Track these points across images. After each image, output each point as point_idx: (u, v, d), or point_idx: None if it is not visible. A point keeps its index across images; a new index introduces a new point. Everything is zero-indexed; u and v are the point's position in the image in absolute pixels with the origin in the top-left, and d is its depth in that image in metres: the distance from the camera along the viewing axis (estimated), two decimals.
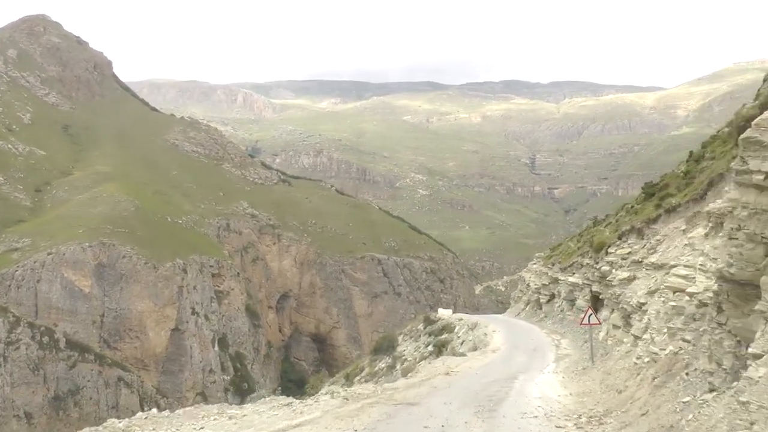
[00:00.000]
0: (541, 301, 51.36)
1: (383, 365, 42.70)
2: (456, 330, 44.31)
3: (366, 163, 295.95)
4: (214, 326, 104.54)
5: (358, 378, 43.56)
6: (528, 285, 60.42)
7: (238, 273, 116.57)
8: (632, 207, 39.06)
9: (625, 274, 26.18)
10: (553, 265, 50.97)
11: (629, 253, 27.58)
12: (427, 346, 41.63)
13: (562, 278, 43.72)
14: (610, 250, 30.64)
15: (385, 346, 47.35)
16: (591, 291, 33.69)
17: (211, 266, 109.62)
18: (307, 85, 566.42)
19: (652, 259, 24.22)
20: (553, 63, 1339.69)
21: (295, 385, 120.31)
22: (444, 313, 55.48)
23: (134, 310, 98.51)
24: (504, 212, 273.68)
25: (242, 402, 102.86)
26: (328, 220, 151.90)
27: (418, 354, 40.63)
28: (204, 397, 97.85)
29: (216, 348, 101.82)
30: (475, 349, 35.22)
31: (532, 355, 30.80)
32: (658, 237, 25.73)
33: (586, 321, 26.29)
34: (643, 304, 21.94)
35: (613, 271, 28.27)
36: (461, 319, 49.22)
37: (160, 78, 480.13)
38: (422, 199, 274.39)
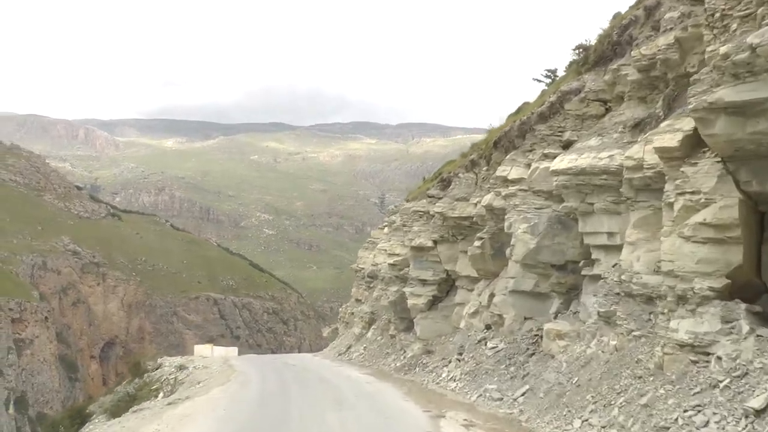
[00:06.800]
0: (414, 305, 26.54)
1: None
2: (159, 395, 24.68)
3: (210, 202, 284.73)
4: (11, 383, 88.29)
5: None
6: (374, 277, 33.91)
7: (46, 317, 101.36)
8: None
9: None
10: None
11: None
12: None
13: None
14: None
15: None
16: None
17: (10, 309, 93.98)
18: (153, 123, 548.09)
19: None
20: (402, 106, 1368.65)
21: None
22: (203, 352, 37.34)
23: None
24: (352, 252, 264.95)
25: None
26: (159, 258, 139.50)
27: None
28: None
29: (11, 410, 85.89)
30: None
31: None
32: None
33: None
34: None
35: None
36: (185, 367, 29.91)
37: None
38: (268, 239, 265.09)
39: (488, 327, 22.38)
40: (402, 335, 28.03)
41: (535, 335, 20.02)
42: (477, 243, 23.63)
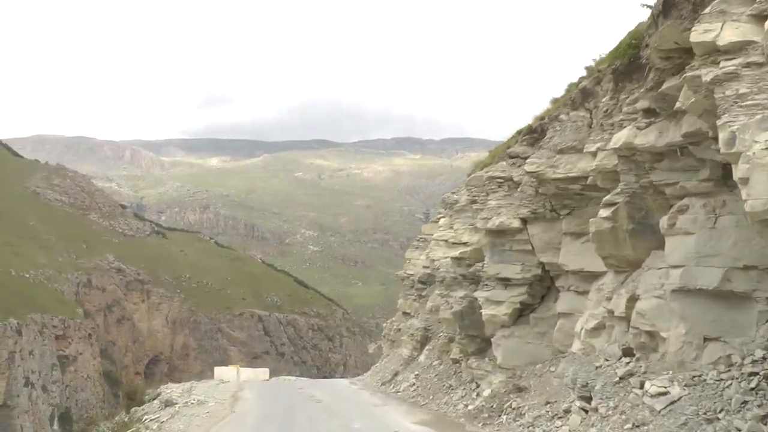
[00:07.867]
0: (492, 316, 17.72)
1: None
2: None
3: (255, 220, 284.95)
4: (55, 399, 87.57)
5: None
6: (427, 282, 26.27)
7: (89, 334, 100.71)
8: None
9: None
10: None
11: None
12: None
13: None
14: None
15: None
16: None
17: (54, 327, 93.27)
18: (197, 143, 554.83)
19: None
20: (444, 121, 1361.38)
21: None
22: (225, 376, 33.20)
23: None
24: (398, 267, 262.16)
25: None
26: (204, 274, 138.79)
27: None
28: None
29: (55, 426, 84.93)
30: None
31: None
32: None
33: None
34: None
35: None
36: (172, 402, 23.73)
37: (46, 134, 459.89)
38: (313, 255, 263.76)
39: (628, 353, 13.26)
40: (473, 361, 19.06)
41: (751, 374, 10.13)
42: (604, 213, 13.99)
